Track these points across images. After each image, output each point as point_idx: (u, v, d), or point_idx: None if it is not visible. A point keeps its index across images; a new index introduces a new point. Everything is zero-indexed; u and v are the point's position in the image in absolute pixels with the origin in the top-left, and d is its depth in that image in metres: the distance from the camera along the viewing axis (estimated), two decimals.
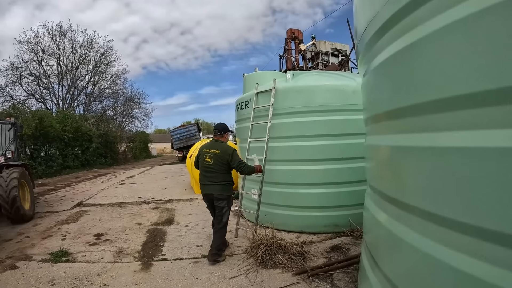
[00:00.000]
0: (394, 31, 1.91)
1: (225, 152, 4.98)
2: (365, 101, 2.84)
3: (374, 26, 2.15)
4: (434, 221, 1.62)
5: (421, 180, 1.77)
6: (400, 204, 1.98)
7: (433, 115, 1.63)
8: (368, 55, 2.44)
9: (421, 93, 1.70)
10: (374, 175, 2.63)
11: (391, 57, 1.97)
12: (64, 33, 31.65)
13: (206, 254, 5.09)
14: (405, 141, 1.91)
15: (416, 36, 1.69)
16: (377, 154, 2.53)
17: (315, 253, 4.99)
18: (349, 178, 5.98)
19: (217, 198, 4.97)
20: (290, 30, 21.88)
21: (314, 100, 5.97)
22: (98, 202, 10.17)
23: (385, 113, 2.19)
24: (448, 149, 1.54)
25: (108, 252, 5.45)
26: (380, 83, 2.28)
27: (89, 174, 20.53)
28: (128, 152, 38.59)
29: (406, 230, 1.89)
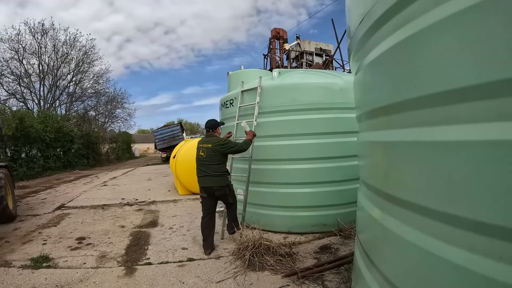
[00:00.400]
0: (388, 26, 1.85)
1: (216, 144, 5.22)
2: (358, 98, 2.76)
3: (367, 22, 2.09)
4: (434, 217, 1.56)
5: (420, 176, 1.71)
6: (398, 201, 1.90)
7: (429, 109, 1.59)
8: (361, 52, 2.37)
9: (416, 87, 1.66)
10: (369, 172, 2.55)
11: (385, 52, 1.91)
12: (46, 31, 31.07)
13: (192, 257, 4.99)
14: (402, 136, 1.85)
15: (411, 30, 1.64)
16: (371, 150, 2.46)
17: (304, 254, 4.90)
18: (337, 177, 5.92)
19: (216, 189, 5.24)
20: (274, 30, 21.85)
21: (300, 98, 5.88)
22: (80, 204, 9.91)
23: (380, 108, 2.13)
24: (446, 143, 1.49)
25: (91, 256, 5.26)
26: (373, 78, 2.22)
27: (71, 176, 20.12)
28: (111, 153, 38.16)
29: (405, 228, 1.82)
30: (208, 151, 5.24)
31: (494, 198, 1.25)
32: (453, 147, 1.45)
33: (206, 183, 5.27)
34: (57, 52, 32.13)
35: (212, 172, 5.21)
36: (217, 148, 5.20)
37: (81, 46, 33.95)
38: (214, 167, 5.22)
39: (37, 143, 21.45)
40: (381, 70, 2.04)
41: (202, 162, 5.29)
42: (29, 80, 31.09)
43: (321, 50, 22.22)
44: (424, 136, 1.63)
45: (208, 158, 5.22)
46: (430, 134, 1.58)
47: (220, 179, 5.24)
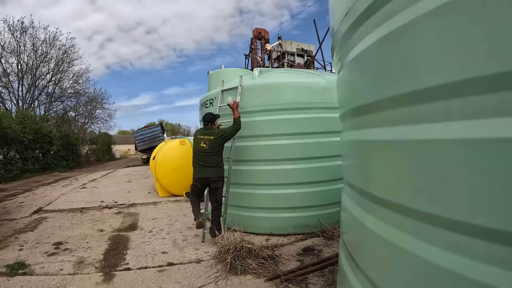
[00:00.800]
0: (371, 21, 1.81)
1: (218, 136, 5.50)
2: (341, 97, 2.70)
3: (350, 18, 2.05)
4: (422, 219, 1.52)
5: (403, 176, 1.67)
6: (382, 202, 1.85)
7: (412, 106, 1.54)
8: (343, 49, 2.33)
9: (400, 84, 1.62)
10: (352, 172, 2.49)
11: (367, 48, 1.87)
12: (26, 29, 30.21)
13: (172, 261, 4.85)
14: (383, 135, 1.81)
15: (394, 25, 1.60)
16: (354, 150, 2.41)
17: (287, 256, 4.82)
18: (318, 177, 5.87)
19: (214, 180, 5.49)
20: (256, 30, 21.79)
21: (282, 97, 5.80)
22: (58, 207, 9.63)
23: (362, 106, 2.08)
24: (430, 142, 1.45)
25: (68, 262, 5.07)
26: (356, 76, 2.16)
27: (50, 178, 19.63)
28: (91, 154, 37.47)
29: (389, 229, 1.77)
30: (210, 143, 5.47)
31: (478, 198, 1.23)
32: (436, 146, 1.41)
33: (204, 174, 5.51)
34: (36, 51, 31.30)
35: (212, 163, 5.47)
36: (219, 140, 5.48)
37: (61, 45, 33.17)
38: (214, 158, 5.48)
39: (15, 145, 20.84)
40: (364, 67, 2.00)
41: (203, 153, 5.50)
42: (8, 80, 30.17)
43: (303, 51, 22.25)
44: (406, 135, 1.60)
45: (211, 149, 5.46)
46: (413, 132, 1.54)
47: (219, 169, 5.52)
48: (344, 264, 2.58)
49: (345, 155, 2.75)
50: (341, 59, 2.43)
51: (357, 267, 2.22)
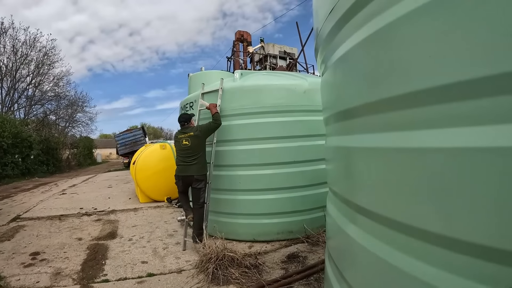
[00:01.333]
0: (356, 19, 1.72)
1: (197, 130, 5.49)
2: (325, 99, 2.58)
3: (334, 16, 1.95)
4: (404, 231, 1.45)
5: (391, 185, 1.56)
6: (366, 213, 1.76)
7: (402, 110, 1.44)
8: (327, 50, 2.22)
9: (386, 86, 1.52)
10: (336, 178, 2.39)
11: (353, 48, 1.77)
12: (5, 30, 29.57)
13: (152, 272, 4.67)
14: (367, 142, 1.73)
15: (381, 22, 1.50)
16: (339, 155, 2.29)
17: (271, 264, 4.68)
18: (301, 182, 5.77)
19: (196, 179, 5.42)
20: (238, 32, 21.71)
21: (263, 100, 5.69)
22: (36, 215, 9.31)
23: (345, 111, 2.00)
24: (416, 150, 1.37)
25: (45, 274, 4.84)
26: (340, 78, 2.06)
27: (30, 184, 19.13)
28: (72, 159, 36.71)
29: (374, 241, 1.69)
30: (192, 139, 5.45)
31: (464, 211, 1.16)
32: (422, 155, 1.33)
33: (186, 172, 5.47)
34: (16, 52, 30.67)
35: (194, 160, 5.44)
36: (199, 134, 5.44)
37: (42, 46, 32.66)
38: (196, 155, 5.44)
39: None
40: (349, 68, 1.89)
41: (186, 151, 5.49)
42: None
43: (285, 53, 22.23)
44: (390, 141, 1.52)
45: (193, 145, 5.44)
46: (398, 139, 1.46)
47: (202, 167, 5.47)
48: (329, 271, 2.51)
49: (329, 161, 2.65)
50: (325, 60, 2.33)
51: (341, 276, 2.15)
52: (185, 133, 5.55)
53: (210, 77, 6.52)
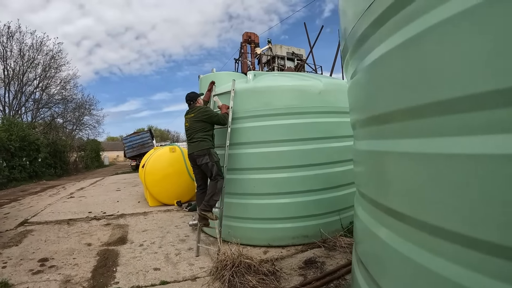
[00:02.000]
0: (394, 21, 1.64)
1: (198, 112, 5.49)
2: (355, 103, 2.50)
3: (367, 18, 1.86)
4: (445, 237, 1.40)
5: (433, 192, 1.49)
6: (400, 216, 1.73)
7: (437, 117, 1.41)
8: (359, 52, 2.13)
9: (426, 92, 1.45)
10: (367, 181, 2.32)
11: (391, 51, 1.68)
12: (12, 34, 29.79)
13: (165, 279, 4.55)
14: (404, 147, 1.67)
15: (421, 26, 1.43)
16: (371, 159, 2.21)
17: (288, 271, 4.54)
18: (316, 185, 5.64)
19: (197, 155, 5.38)
20: (246, 34, 21.62)
21: (277, 102, 5.57)
22: (44, 219, 9.24)
23: (382, 115, 1.89)
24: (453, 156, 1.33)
25: (54, 282, 4.73)
26: (374, 82, 1.97)
27: (37, 187, 19.13)
28: (79, 161, 36.84)
29: (412, 247, 1.64)
30: (191, 120, 5.51)
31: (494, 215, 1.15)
32: (460, 161, 1.29)
33: (189, 150, 5.52)
34: (23, 56, 30.87)
35: (194, 139, 5.45)
36: (199, 116, 5.44)
37: (48, 50, 32.84)
38: (196, 135, 5.44)
39: (1, 153, 20.35)
40: (384, 72, 1.79)
41: (187, 132, 5.59)
42: None
43: (293, 54, 22.10)
44: (429, 147, 1.45)
45: (192, 125, 5.48)
46: (436, 145, 1.41)
47: (199, 144, 5.39)
48: (360, 279, 2.41)
49: (358, 163, 2.56)
50: (356, 63, 2.23)
51: (374, 282, 2.08)
52: (188, 114, 5.66)
53: (221, 78, 6.37)
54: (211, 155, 5.38)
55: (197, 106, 5.66)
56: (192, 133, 5.48)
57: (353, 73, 2.35)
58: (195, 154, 5.40)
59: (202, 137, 5.41)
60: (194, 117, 5.48)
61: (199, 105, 5.71)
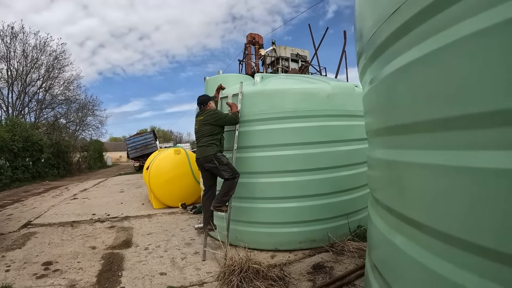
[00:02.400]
0: (420, 30, 1.61)
1: (207, 115, 5.44)
2: (372, 111, 2.46)
3: (393, 23, 1.82)
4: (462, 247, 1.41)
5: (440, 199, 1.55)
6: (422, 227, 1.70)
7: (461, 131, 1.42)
8: (379, 58, 2.10)
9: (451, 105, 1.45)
10: (382, 187, 2.31)
11: (415, 61, 1.66)
12: (16, 34, 29.78)
13: (172, 284, 4.49)
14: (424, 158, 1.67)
15: (450, 38, 1.41)
16: (388, 168, 2.19)
17: (297, 276, 4.49)
18: (323, 189, 5.59)
19: (205, 160, 5.33)
20: (250, 35, 21.54)
21: (285, 105, 5.53)
22: (48, 221, 9.20)
23: (403, 125, 1.88)
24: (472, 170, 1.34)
25: (59, 286, 4.68)
26: (399, 91, 1.92)
27: (40, 188, 19.11)
28: (82, 162, 36.92)
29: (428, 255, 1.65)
30: (199, 123, 5.48)
31: None
32: (478, 174, 1.30)
33: (197, 155, 5.50)
34: (26, 56, 30.84)
35: (201, 143, 5.40)
36: (208, 119, 5.38)
37: (52, 51, 32.75)
38: (203, 138, 5.40)
39: (4, 153, 20.35)
40: (409, 82, 1.76)
41: (196, 135, 5.58)
42: None
43: (297, 56, 22.00)
44: (450, 160, 1.46)
45: (200, 129, 5.45)
46: (457, 158, 1.42)
47: (205, 149, 5.33)
48: (373, 284, 2.40)
49: (374, 169, 2.54)
50: (375, 70, 2.20)
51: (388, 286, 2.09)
52: (197, 116, 5.62)
53: (227, 80, 6.30)
54: (218, 159, 5.29)
55: (207, 109, 5.57)
56: (200, 136, 5.44)
57: (371, 80, 2.31)
58: (201, 160, 5.37)
59: (208, 142, 5.34)
60: (203, 120, 5.43)
61: (209, 108, 5.61)
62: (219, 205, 5.28)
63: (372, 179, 2.61)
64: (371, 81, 2.30)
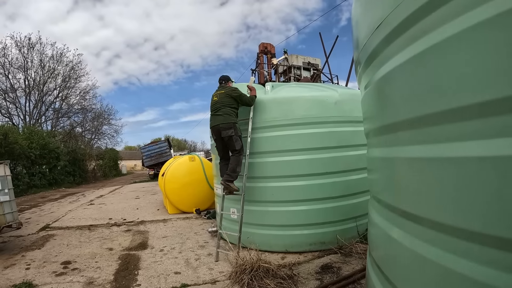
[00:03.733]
0: (406, 36, 1.77)
1: (229, 90, 5.92)
2: (368, 112, 2.62)
3: (381, 32, 1.99)
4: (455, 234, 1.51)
5: (445, 192, 1.61)
6: (420, 220, 1.79)
7: (450, 124, 1.52)
8: (373, 64, 2.26)
9: (437, 102, 1.59)
10: (385, 189, 2.39)
11: (401, 65, 1.83)
12: (33, 45, 30.69)
13: (186, 282, 4.70)
14: (424, 152, 1.74)
15: (432, 41, 1.56)
16: (385, 166, 2.32)
17: (305, 275, 4.66)
18: (333, 193, 5.74)
19: (223, 128, 5.65)
20: (262, 44, 21.78)
21: (294, 112, 5.73)
22: (66, 225, 9.51)
23: (396, 123, 2.01)
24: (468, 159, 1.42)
25: (77, 283, 4.92)
26: (388, 93, 2.10)
27: (57, 194, 19.51)
28: (98, 170, 37.38)
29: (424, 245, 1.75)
30: (221, 95, 5.87)
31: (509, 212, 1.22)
32: (474, 163, 1.38)
33: (214, 122, 5.81)
34: (43, 67, 31.79)
35: (221, 112, 5.72)
36: (229, 92, 5.84)
37: (68, 61, 33.68)
38: (223, 109, 5.73)
39: (21, 160, 20.78)
40: (397, 84, 1.92)
41: (214, 106, 5.89)
42: (15, 95, 30.65)
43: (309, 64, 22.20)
44: (443, 152, 1.56)
45: (220, 100, 5.81)
46: (450, 149, 1.51)
47: (226, 117, 5.68)
48: (375, 282, 2.50)
49: (372, 170, 2.67)
50: (369, 76, 2.37)
51: (389, 282, 2.17)
52: (218, 91, 6.02)
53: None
54: (236, 129, 5.68)
55: (228, 87, 6.04)
56: (220, 106, 5.77)
57: (366, 84, 2.48)
58: (220, 126, 5.67)
59: (229, 111, 5.71)
60: (224, 93, 5.85)
61: (229, 86, 6.11)
62: (230, 180, 5.68)
63: (371, 180, 2.74)
64: (366, 86, 2.48)
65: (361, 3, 2.41)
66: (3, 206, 6.51)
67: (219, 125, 5.67)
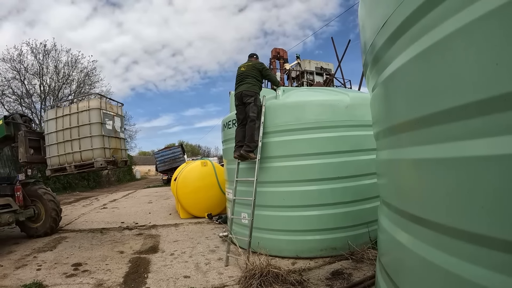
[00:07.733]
0: (407, 36, 1.76)
1: (256, 64, 6.37)
2: (376, 115, 2.58)
3: (383, 34, 1.98)
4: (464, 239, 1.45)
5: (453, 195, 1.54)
6: (427, 223, 1.74)
7: (456, 123, 1.47)
8: (378, 66, 2.24)
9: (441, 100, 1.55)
10: (393, 192, 2.35)
11: (404, 65, 1.80)
12: (48, 52, 31.12)
13: (194, 286, 4.68)
14: (432, 153, 1.68)
15: (432, 40, 1.55)
16: (393, 168, 2.27)
17: (315, 281, 4.59)
18: (344, 198, 5.67)
19: (245, 94, 5.96)
20: (274, 50, 21.81)
21: (306, 116, 5.70)
22: (78, 227, 9.65)
23: (401, 124, 1.98)
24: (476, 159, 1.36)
25: (87, 285, 4.97)
26: (393, 93, 2.07)
27: (71, 198, 19.78)
28: (112, 174, 37.75)
29: (432, 251, 1.68)
30: (248, 66, 6.26)
31: None
32: (483, 163, 1.32)
33: (238, 89, 6.14)
34: (58, 73, 32.20)
35: (245, 81, 6.07)
36: (257, 66, 6.27)
37: (83, 67, 34.07)
38: (248, 79, 6.09)
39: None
40: (400, 83, 1.90)
41: (240, 75, 6.24)
42: (31, 101, 31.14)
43: (322, 69, 22.16)
44: (447, 152, 1.52)
45: (247, 71, 6.19)
46: (455, 149, 1.47)
47: (251, 86, 6.01)
48: (381, 282, 2.49)
49: (381, 174, 2.63)
50: (376, 76, 2.34)
51: None
52: (246, 63, 6.43)
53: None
54: (257, 99, 5.97)
55: (255, 61, 6.51)
56: (246, 76, 6.13)
57: (373, 86, 2.45)
58: (243, 92, 5.97)
59: (253, 81, 6.07)
60: (252, 65, 6.27)
61: (254, 60, 6.59)
62: (249, 151, 5.81)
63: (380, 184, 2.70)
64: (373, 88, 2.46)
65: (366, 4, 2.40)
66: (123, 142, 8.27)
67: (242, 91, 5.97)
